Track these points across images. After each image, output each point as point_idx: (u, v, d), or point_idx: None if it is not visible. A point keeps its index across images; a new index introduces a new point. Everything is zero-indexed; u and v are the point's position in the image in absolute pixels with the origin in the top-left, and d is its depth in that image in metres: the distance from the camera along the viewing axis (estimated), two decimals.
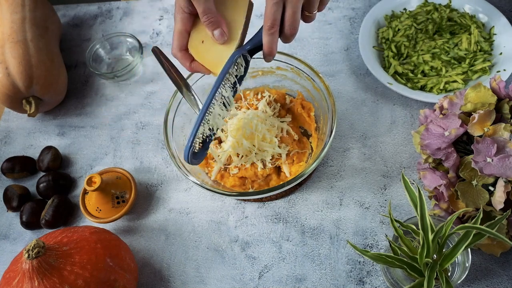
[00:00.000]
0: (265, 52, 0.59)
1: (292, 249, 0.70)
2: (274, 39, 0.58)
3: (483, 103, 0.61)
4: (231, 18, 0.60)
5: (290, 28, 0.57)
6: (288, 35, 0.58)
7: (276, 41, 0.58)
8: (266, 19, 0.56)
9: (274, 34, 0.57)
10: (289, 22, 0.56)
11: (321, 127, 0.74)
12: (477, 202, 0.58)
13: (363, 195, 0.73)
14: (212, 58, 0.62)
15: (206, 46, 0.62)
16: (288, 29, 0.57)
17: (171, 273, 0.70)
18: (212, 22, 0.59)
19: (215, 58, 0.61)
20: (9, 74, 0.79)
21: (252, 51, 0.61)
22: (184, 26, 0.62)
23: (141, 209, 0.76)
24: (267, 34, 0.57)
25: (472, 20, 0.84)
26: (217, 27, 0.59)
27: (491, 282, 0.64)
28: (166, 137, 0.70)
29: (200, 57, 0.62)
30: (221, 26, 0.59)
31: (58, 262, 0.57)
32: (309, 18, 0.60)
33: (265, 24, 0.56)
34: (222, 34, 0.59)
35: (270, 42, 0.58)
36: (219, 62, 0.60)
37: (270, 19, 0.56)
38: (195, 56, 0.63)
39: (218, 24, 0.59)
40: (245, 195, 0.66)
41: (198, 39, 0.62)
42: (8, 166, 0.80)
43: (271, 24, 0.56)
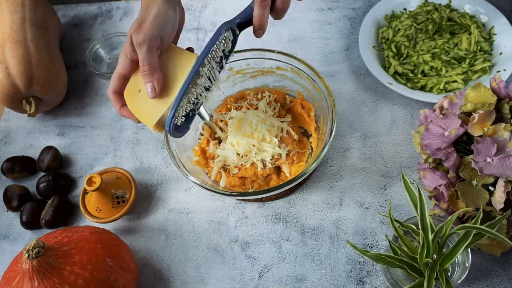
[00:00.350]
0: (255, 26, 0.58)
1: (292, 249, 0.70)
2: (266, 12, 0.57)
3: (483, 103, 0.61)
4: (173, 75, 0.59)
5: (282, 2, 0.56)
6: (279, 9, 0.57)
7: (267, 15, 0.57)
8: None
9: (266, 7, 0.56)
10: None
11: (321, 127, 0.74)
12: (477, 202, 0.58)
13: (363, 195, 0.73)
14: (143, 109, 0.60)
15: (141, 96, 0.60)
16: (280, 2, 0.56)
17: (171, 273, 0.70)
18: (147, 75, 0.58)
19: (146, 110, 0.60)
20: (9, 74, 0.79)
21: (241, 26, 0.60)
22: (124, 71, 0.62)
23: (141, 209, 0.76)
24: (259, 6, 0.56)
25: (472, 20, 0.84)
26: (150, 81, 0.58)
27: (491, 282, 0.64)
28: (166, 137, 0.70)
29: (132, 105, 0.61)
30: (154, 80, 0.58)
31: (58, 262, 0.57)
32: None
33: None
34: (153, 89, 0.58)
35: (261, 15, 0.57)
36: (150, 115, 0.59)
37: None
38: (128, 103, 0.62)
39: (152, 77, 0.58)
40: (245, 195, 0.66)
41: (135, 87, 0.61)
42: (8, 166, 0.80)
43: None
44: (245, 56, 0.75)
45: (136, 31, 0.58)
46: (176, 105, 0.57)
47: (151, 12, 0.59)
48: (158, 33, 0.58)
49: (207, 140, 0.76)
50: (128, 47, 0.59)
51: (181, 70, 0.59)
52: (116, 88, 0.63)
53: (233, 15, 0.60)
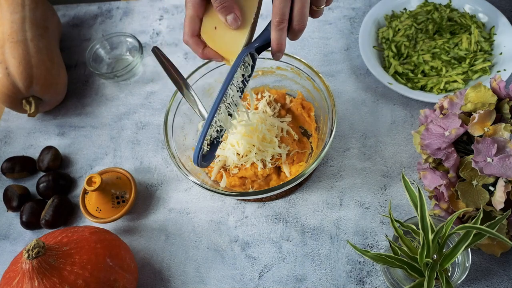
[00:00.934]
0: (273, 49, 0.58)
1: (292, 249, 0.70)
2: (283, 35, 0.57)
3: (483, 103, 0.61)
4: (244, 4, 0.59)
5: (298, 23, 0.56)
6: (296, 30, 0.57)
7: (285, 37, 0.58)
8: (274, 15, 0.55)
9: (283, 30, 0.56)
10: (298, 17, 0.56)
11: (321, 127, 0.74)
12: (477, 202, 0.58)
13: (363, 195, 0.73)
14: (225, 44, 0.60)
15: (219, 32, 0.60)
16: (297, 24, 0.56)
17: (171, 273, 0.70)
18: (225, 7, 0.57)
19: (228, 44, 0.60)
20: (9, 74, 0.79)
21: (259, 49, 0.60)
22: (196, 12, 0.60)
23: (141, 209, 0.76)
24: (275, 30, 0.56)
25: (472, 20, 0.84)
26: (230, 12, 0.58)
27: (491, 282, 0.64)
28: (166, 137, 0.70)
29: (213, 44, 0.61)
30: (234, 11, 0.58)
31: (58, 262, 0.57)
32: (317, 13, 0.59)
33: (273, 20, 0.56)
34: (236, 19, 0.58)
35: (279, 38, 0.57)
36: (233, 48, 0.59)
37: (279, 14, 0.55)
38: (208, 42, 0.61)
39: (231, 9, 0.58)
40: (245, 195, 0.66)
41: (210, 25, 0.61)
42: (8, 166, 0.80)
43: (279, 20, 0.55)
44: None
45: None
46: (203, 136, 0.56)
47: None
48: None
49: None
50: None
51: None
52: (193, 31, 0.61)
53: None
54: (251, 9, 0.59)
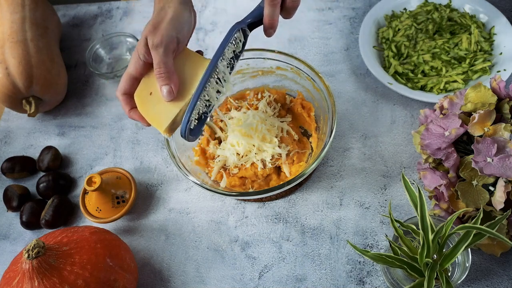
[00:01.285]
0: (266, 25, 0.58)
1: (292, 249, 0.70)
2: (276, 11, 0.57)
3: (483, 103, 0.61)
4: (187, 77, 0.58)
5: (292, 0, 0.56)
6: (290, 7, 0.57)
7: (278, 14, 0.57)
8: None
9: (276, 5, 0.56)
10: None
11: (321, 127, 0.74)
12: (477, 202, 0.58)
13: (363, 195, 0.73)
14: (155, 112, 0.59)
15: (153, 99, 0.59)
16: (290, 1, 0.56)
17: (171, 273, 0.70)
18: (163, 78, 0.57)
19: (158, 113, 0.59)
20: (9, 74, 0.79)
21: (252, 26, 0.60)
22: (135, 72, 0.60)
23: (141, 209, 0.76)
24: (270, 5, 0.56)
25: (472, 20, 0.84)
26: (167, 83, 0.57)
27: (491, 282, 0.64)
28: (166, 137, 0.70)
29: (143, 108, 0.60)
30: (171, 83, 0.57)
31: (58, 262, 0.57)
32: None
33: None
34: (170, 92, 0.57)
35: (272, 14, 0.56)
36: (161, 119, 0.58)
37: None
38: (138, 105, 0.61)
39: (169, 80, 0.57)
40: (245, 195, 0.66)
41: (146, 90, 0.60)
42: (8, 166, 0.80)
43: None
44: (245, 56, 0.75)
45: (152, 33, 0.57)
46: (191, 109, 0.56)
47: (167, 13, 0.58)
48: (175, 35, 0.57)
49: (207, 140, 0.76)
50: (141, 48, 0.58)
51: (194, 73, 0.59)
52: (126, 89, 0.61)
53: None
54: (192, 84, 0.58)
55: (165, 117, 0.58)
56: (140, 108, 0.61)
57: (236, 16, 0.93)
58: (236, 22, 0.58)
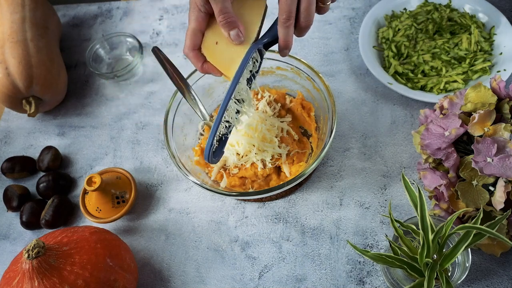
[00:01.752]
0: (281, 46, 0.59)
1: (292, 249, 0.70)
2: (290, 32, 0.57)
3: (483, 103, 0.61)
4: (247, 20, 0.59)
5: (305, 20, 0.57)
6: (303, 27, 0.58)
7: (292, 34, 0.58)
8: (281, 11, 0.55)
9: (290, 26, 0.57)
10: (304, 14, 0.56)
11: (321, 127, 0.74)
12: (477, 202, 0.58)
13: (363, 195, 0.73)
14: (225, 59, 0.60)
15: (221, 47, 0.60)
16: (304, 21, 0.57)
17: (171, 273, 0.70)
18: (229, 23, 0.58)
19: (228, 60, 0.60)
20: (9, 74, 0.79)
21: (267, 45, 0.60)
22: (199, 25, 0.60)
23: (141, 209, 0.76)
24: (283, 27, 0.57)
25: (472, 20, 0.84)
26: (234, 27, 0.58)
27: (491, 282, 0.64)
28: (166, 137, 0.70)
29: (213, 58, 0.61)
30: (237, 26, 0.58)
31: (58, 262, 0.57)
32: (323, 9, 0.59)
33: (281, 16, 0.56)
34: (239, 35, 0.58)
35: (286, 35, 0.57)
36: (233, 64, 0.59)
37: (286, 11, 0.55)
38: (208, 57, 0.61)
39: (234, 24, 0.58)
40: (245, 195, 0.66)
41: (212, 40, 0.61)
42: (8, 166, 0.80)
43: (286, 17, 0.56)
44: None
45: None
46: (213, 133, 0.57)
47: None
48: None
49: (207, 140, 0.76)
50: (200, 1, 0.58)
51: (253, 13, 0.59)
52: (194, 44, 0.61)
53: None
54: (254, 26, 0.59)
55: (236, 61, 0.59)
56: (211, 59, 0.61)
57: None
58: (253, 43, 0.59)
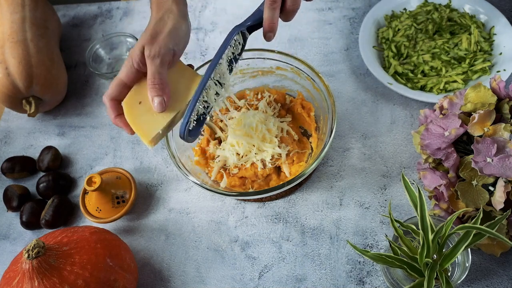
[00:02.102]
0: (265, 28, 0.57)
1: (292, 249, 0.70)
2: (276, 14, 0.56)
3: (483, 103, 0.61)
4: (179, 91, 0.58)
5: (292, 3, 0.56)
6: (289, 10, 0.57)
7: (277, 17, 0.57)
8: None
9: (276, 9, 0.56)
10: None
11: (321, 127, 0.74)
12: (477, 202, 0.58)
13: (363, 195, 0.73)
14: (142, 122, 0.59)
15: (142, 108, 0.59)
16: (290, 4, 0.56)
17: (171, 273, 0.70)
18: (157, 89, 0.56)
19: (146, 123, 0.59)
20: (9, 74, 0.79)
21: (251, 28, 0.60)
22: (127, 79, 0.59)
23: (141, 209, 0.76)
24: (269, 8, 0.56)
25: (472, 20, 0.84)
26: (160, 95, 0.56)
27: (491, 282, 0.64)
28: (166, 137, 0.70)
29: (130, 117, 0.60)
30: (164, 95, 0.57)
31: (58, 262, 0.57)
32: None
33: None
34: (162, 104, 0.57)
35: (271, 17, 0.56)
36: (149, 129, 0.58)
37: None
38: (126, 113, 0.60)
39: (162, 92, 0.56)
40: (245, 195, 0.66)
41: (136, 98, 0.60)
42: (8, 166, 0.80)
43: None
44: (245, 56, 0.75)
45: (150, 43, 0.57)
46: (191, 109, 0.56)
47: (166, 24, 0.58)
48: (172, 48, 0.57)
49: (207, 140, 0.76)
50: (136, 57, 0.57)
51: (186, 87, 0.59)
52: (114, 95, 0.60)
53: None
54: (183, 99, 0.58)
55: (152, 127, 0.58)
56: (128, 116, 0.60)
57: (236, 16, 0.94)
58: (235, 25, 0.58)
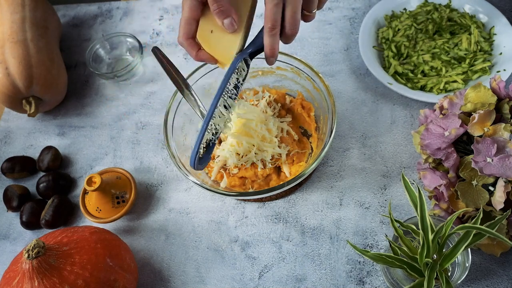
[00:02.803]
0: (267, 54, 0.59)
1: (292, 249, 0.70)
2: (276, 40, 0.57)
3: (483, 103, 0.61)
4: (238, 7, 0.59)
5: (290, 28, 0.57)
6: (289, 35, 0.58)
7: (277, 42, 0.58)
8: (266, 20, 0.56)
9: (276, 35, 0.57)
10: (290, 22, 0.56)
11: (321, 127, 0.74)
12: (477, 202, 0.58)
13: (363, 195, 0.73)
14: (220, 47, 0.61)
15: (215, 35, 0.61)
16: (289, 29, 0.57)
17: (171, 273, 0.70)
18: (222, 11, 0.57)
19: (223, 48, 0.60)
20: (9, 74, 0.79)
21: (253, 55, 0.61)
22: (192, 14, 0.60)
23: (141, 209, 0.76)
24: (268, 35, 0.57)
25: (472, 20, 0.84)
26: (228, 16, 0.58)
27: (491, 282, 0.64)
28: (166, 137, 0.70)
29: (209, 47, 0.61)
30: (231, 15, 0.58)
31: (58, 262, 0.57)
32: (309, 17, 0.59)
33: (266, 25, 0.56)
34: (232, 24, 0.58)
35: (272, 43, 0.57)
36: (228, 51, 0.60)
37: (271, 20, 0.55)
38: (204, 45, 0.62)
39: (228, 13, 0.58)
40: (245, 195, 0.66)
41: (207, 28, 0.61)
42: (8, 166, 0.80)
43: (272, 26, 0.56)
44: None
45: None
46: (199, 140, 0.57)
47: None
48: None
49: None
50: None
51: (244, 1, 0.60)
52: (188, 33, 0.61)
53: None
54: (246, 13, 0.59)
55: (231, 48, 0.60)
56: (206, 47, 0.61)
57: None
58: (238, 54, 0.59)
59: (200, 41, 0.62)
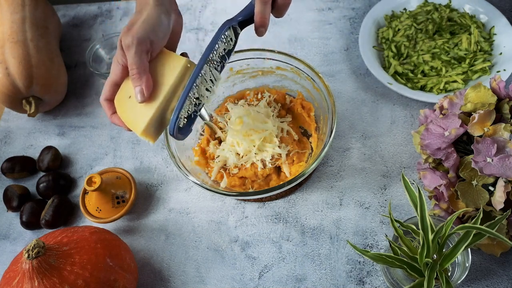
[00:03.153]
0: (257, 23, 0.57)
1: (292, 249, 0.70)
2: (267, 9, 0.56)
3: (483, 103, 0.61)
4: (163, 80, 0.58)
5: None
6: (281, 5, 0.56)
7: (269, 12, 0.57)
8: None
9: (267, 3, 0.56)
10: None
11: (321, 127, 0.74)
12: (477, 202, 0.58)
13: (363, 195, 0.73)
14: (131, 115, 0.59)
15: (131, 102, 0.59)
16: None
17: (171, 273, 0.70)
18: (136, 78, 0.56)
19: (134, 116, 0.58)
20: (9, 74, 0.79)
21: (243, 24, 0.59)
22: (115, 78, 0.60)
23: (141, 209, 0.76)
24: (260, 3, 0.55)
25: (472, 20, 0.84)
26: (138, 84, 0.56)
27: (491, 282, 0.64)
28: (166, 137, 0.70)
29: (121, 112, 0.60)
30: (142, 84, 0.56)
31: (58, 262, 0.57)
32: None
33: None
34: (141, 93, 0.56)
35: (263, 11, 0.56)
36: (138, 121, 0.58)
37: None
38: (118, 109, 0.61)
39: (140, 81, 0.56)
40: (245, 195, 0.66)
41: (125, 94, 0.60)
42: (8, 166, 0.80)
43: None
44: (245, 56, 0.75)
45: (125, 34, 0.57)
46: (180, 106, 0.56)
47: (142, 15, 0.58)
48: (147, 36, 0.56)
49: (207, 140, 0.76)
50: (118, 52, 0.58)
51: (170, 74, 0.58)
52: (108, 95, 0.61)
53: (233, 15, 0.60)
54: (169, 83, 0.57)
55: (141, 119, 0.58)
56: (119, 112, 0.60)
57: None
58: (226, 20, 0.58)
59: (116, 105, 0.61)
